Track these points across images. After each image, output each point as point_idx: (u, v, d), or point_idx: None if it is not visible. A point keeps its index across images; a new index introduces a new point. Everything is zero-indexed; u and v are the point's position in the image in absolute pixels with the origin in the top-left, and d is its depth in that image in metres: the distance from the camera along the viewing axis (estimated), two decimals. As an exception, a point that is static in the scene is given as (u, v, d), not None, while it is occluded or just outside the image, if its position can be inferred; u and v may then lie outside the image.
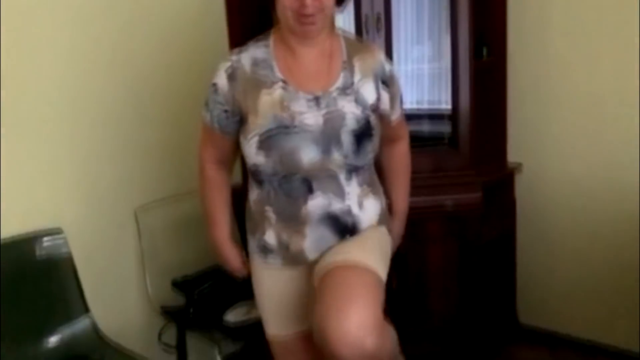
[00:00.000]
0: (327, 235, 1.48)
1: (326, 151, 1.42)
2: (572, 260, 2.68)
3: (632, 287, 2.47)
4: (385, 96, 1.53)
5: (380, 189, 1.64)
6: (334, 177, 1.46)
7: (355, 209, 1.50)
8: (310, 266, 1.51)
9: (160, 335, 2.22)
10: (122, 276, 2.29)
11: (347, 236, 1.50)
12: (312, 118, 1.41)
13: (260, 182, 1.50)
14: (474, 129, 2.50)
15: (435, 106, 2.61)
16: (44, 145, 2.04)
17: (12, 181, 1.95)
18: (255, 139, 1.42)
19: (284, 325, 1.61)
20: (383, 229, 1.60)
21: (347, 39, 1.55)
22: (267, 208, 1.50)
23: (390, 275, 1.50)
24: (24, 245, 1.96)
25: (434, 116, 2.63)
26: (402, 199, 1.75)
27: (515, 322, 2.88)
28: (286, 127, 1.40)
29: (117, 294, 2.26)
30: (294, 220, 1.47)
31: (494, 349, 2.72)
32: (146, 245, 2.29)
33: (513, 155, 2.75)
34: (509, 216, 2.80)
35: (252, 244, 1.58)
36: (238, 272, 1.67)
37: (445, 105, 2.49)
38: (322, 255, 1.49)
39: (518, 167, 2.75)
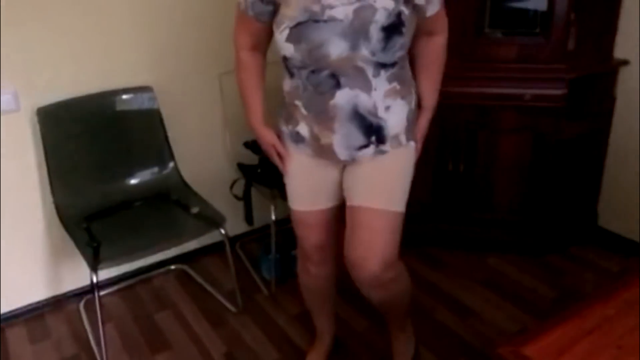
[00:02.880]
0: (354, 133, 1.57)
1: (354, 46, 1.45)
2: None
3: None
4: None
5: (413, 89, 1.65)
6: (361, 72, 1.50)
7: (381, 111, 1.55)
8: (340, 163, 1.65)
9: (232, 187, 2.56)
10: (206, 134, 2.63)
11: (373, 138, 1.58)
12: (342, 11, 1.43)
13: (291, 74, 1.59)
14: (568, 18, 2.31)
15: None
16: (141, 10, 2.32)
17: (114, 44, 2.30)
18: (286, 31, 1.48)
19: (305, 204, 1.75)
20: (407, 153, 1.65)
21: None
22: (297, 102, 1.60)
23: (446, 158, 1.62)
24: (118, 98, 2.34)
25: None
26: (430, 95, 1.71)
27: (594, 225, 2.79)
28: (316, 20, 1.44)
29: (200, 148, 2.62)
30: (322, 114, 1.56)
31: (560, 247, 2.71)
32: (228, 107, 2.57)
33: (620, 51, 2.51)
34: (604, 115, 2.62)
35: (286, 132, 1.69)
36: (275, 160, 1.73)
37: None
38: (352, 177, 1.65)
39: (623, 63, 2.51)
